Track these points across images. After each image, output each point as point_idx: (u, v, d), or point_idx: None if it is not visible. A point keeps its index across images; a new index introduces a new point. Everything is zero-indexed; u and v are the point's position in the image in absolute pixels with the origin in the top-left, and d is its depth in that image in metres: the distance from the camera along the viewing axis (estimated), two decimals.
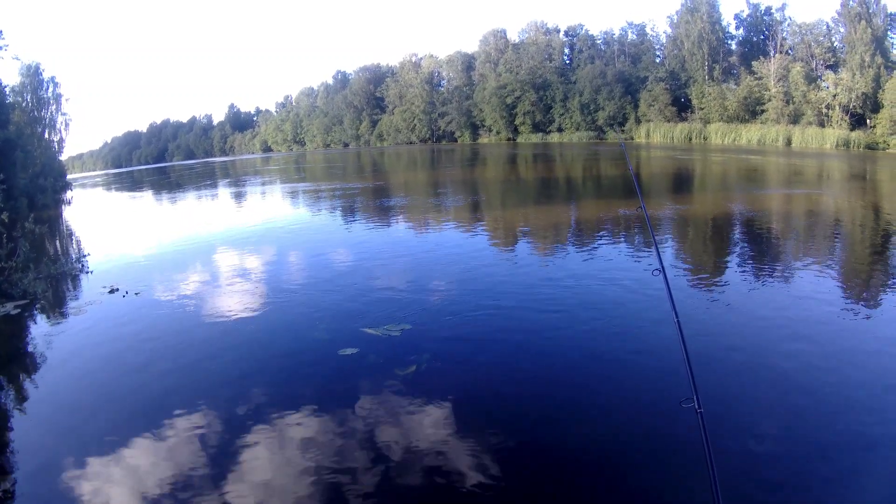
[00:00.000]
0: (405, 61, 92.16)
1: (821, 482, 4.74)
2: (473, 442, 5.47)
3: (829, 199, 19.90)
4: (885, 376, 6.37)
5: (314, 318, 9.22)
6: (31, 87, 46.57)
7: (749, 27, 60.75)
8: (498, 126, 75.76)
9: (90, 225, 26.80)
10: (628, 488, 4.85)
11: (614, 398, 6.25)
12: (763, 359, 6.87)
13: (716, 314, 8.60)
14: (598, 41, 74.36)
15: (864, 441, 5.15)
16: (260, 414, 6.24)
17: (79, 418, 6.60)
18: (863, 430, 5.31)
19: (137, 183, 54.36)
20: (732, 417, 5.57)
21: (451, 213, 19.96)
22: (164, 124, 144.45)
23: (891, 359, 6.85)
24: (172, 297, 11.12)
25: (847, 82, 46.43)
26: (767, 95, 52.32)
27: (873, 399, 5.90)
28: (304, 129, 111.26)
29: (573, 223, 17.56)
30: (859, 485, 4.69)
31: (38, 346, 9.28)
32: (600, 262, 11.68)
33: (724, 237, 14.76)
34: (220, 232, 18.87)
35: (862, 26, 45.39)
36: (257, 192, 34.23)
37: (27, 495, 5.22)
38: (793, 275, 10.55)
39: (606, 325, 8.32)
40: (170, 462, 5.45)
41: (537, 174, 35.52)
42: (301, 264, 13.59)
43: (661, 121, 59.75)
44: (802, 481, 4.74)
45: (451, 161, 50.24)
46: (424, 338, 8.12)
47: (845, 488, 4.68)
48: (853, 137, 44.03)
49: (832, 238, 14.01)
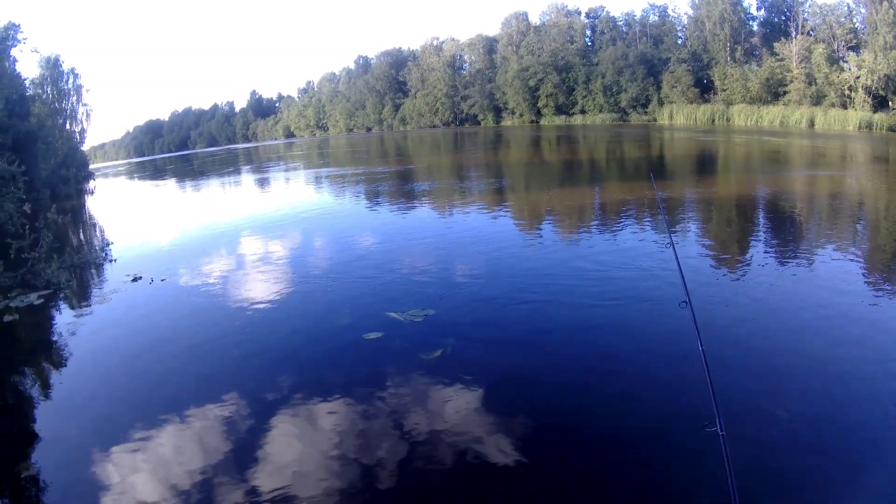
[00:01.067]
0: (427, 45, 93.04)
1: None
2: (498, 427, 5.48)
3: (860, 184, 18.56)
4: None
5: (339, 304, 9.23)
6: (52, 79, 47.00)
7: (770, 8, 60.82)
8: (521, 109, 76.55)
9: (113, 214, 27.15)
10: (652, 481, 4.79)
11: (637, 399, 5.97)
12: (792, 376, 6.24)
13: (742, 324, 7.63)
14: (619, 23, 74.70)
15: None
16: (287, 399, 6.29)
17: (104, 406, 6.66)
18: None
19: (160, 171, 54.25)
20: (757, 439, 5.08)
21: (476, 196, 19.73)
22: (186, 112, 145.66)
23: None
24: (197, 285, 11.14)
25: (869, 63, 46.66)
26: (789, 77, 52.61)
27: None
28: (327, 115, 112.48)
29: (598, 208, 17.11)
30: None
31: (63, 336, 9.31)
32: (626, 252, 11.18)
33: (750, 229, 13.56)
34: (244, 218, 18.88)
35: (884, 7, 45.55)
36: (281, 177, 34.04)
37: (54, 483, 5.27)
38: (824, 277, 9.34)
39: (632, 319, 7.99)
40: (197, 448, 5.48)
41: (561, 156, 35.32)
42: (325, 249, 13.57)
43: (684, 102, 60.39)
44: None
45: (475, 144, 50.18)
46: (449, 323, 8.09)
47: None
48: (876, 119, 44.12)
49: (863, 229, 12.80)
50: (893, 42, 45.83)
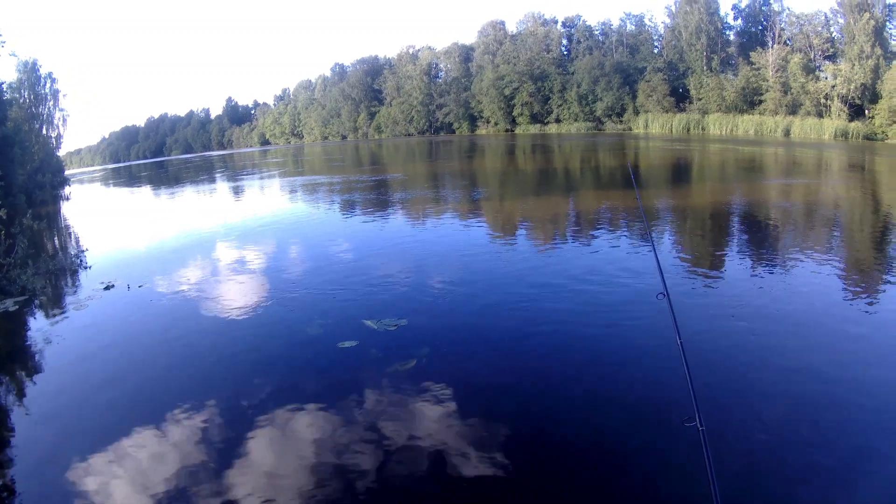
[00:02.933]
0: (403, 53, 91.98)
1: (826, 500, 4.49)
2: (472, 436, 5.44)
3: (830, 190, 19.40)
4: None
5: (313, 311, 9.15)
6: (29, 84, 46.06)
7: (747, 18, 60.47)
8: (496, 117, 75.55)
9: (88, 220, 26.67)
10: (628, 487, 4.76)
11: (615, 397, 6.05)
12: (768, 373, 6.36)
13: (720, 321, 7.93)
14: (595, 32, 73.96)
15: (878, 459, 4.87)
16: (261, 407, 6.22)
17: (79, 413, 6.57)
18: (874, 446, 5.01)
19: (135, 178, 54.21)
20: (735, 433, 5.23)
21: (450, 205, 19.71)
22: (162, 119, 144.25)
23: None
24: (171, 292, 11.04)
25: (846, 73, 46.25)
26: (765, 86, 52.15)
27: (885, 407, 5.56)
28: (302, 122, 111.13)
29: (573, 216, 17.16)
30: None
31: (38, 343, 9.21)
32: (602, 258, 11.30)
33: (725, 233, 14.02)
34: (219, 226, 18.75)
35: (864, 18, 45.15)
36: (256, 185, 34.12)
37: (28, 492, 5.19)
38: (800, 277, 9.74)
39: (608, 323, 8.03)
40: (170, 455, 5.43)
41: (536, 165, 35.32)
42: (300, 257, 13.45)
43: (660, 111, 59.55)
44: (808, 500, 4.50)
45: (450, 153, 49.82)
46: (424, 331, 8.04)
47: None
48: (852, 128, 43.86)
49: (836, 233, 13.39)
50: (871, 51, 45.48)
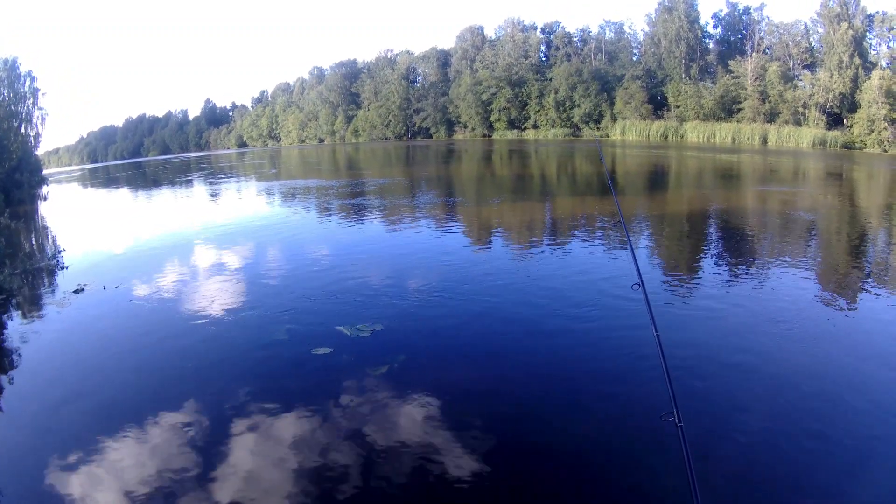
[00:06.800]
0: (380, 57, 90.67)
1: (805, 493, 4.57)
2: (446, 441, 5.44)
3: (806, 198, 19.64)
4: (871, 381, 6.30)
5: (287, 317, 9.07)
6: (8, 82, 44.51)
7: (727, 26, 60.06)
8: (473, 122, 74.31)
9: (66, 221, 26.07)
10: (607, 485, 4.84)
11: (593, 399, 6.16)
12: (745, 367, 6.63)
13: (696, 321, 8.24)
14: (574, 39, 73.01)
15: (855, 451, 5.01)
16: (234, 412, 6.18)
17: (57, 415, 6.54)
18: (852, 441, 5.15)
19: (113, 178, 53.10)
20: (714, 429, 5.40)
21: (426, 211, 19.45)
22: (140, 119, 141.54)
23: (876, 361, 6.75)
24: (147, 294, 11.01)
25: (824, 82, 45.93)
26: (744, 94, 51.69)
27: (867, 404, 5.79)
28: (280, 125, 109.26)
29: (549, 222, 17.30)
30: (850, 496, 4.55)
31: (14, 343, 9.09)
32: (577, 263, 11.53)
33: (702, 238, 14.44)
34: (196, 228, 18.58)
35: (843, 27, 44.86)
36: (233, 187, 33.87)
37: (4, 493, 5.16)
38: (773, 277, 10.16)
39: (584, 326, 8.14)
40: (144, 459, 5.41)
41: (513, 171, 35.01)
42: (275, 261, 13.39)
43: (637, 119, 58.79)
44: (786, 494, 4.58)
45: (427, 158, 48.96)
46: (397, 337, 8.07)
47: (832, 499, 4.53)
48: (830, 136, 43.48)
49: (810, 237, 13.83)
50: (849, 61, 45.23)
